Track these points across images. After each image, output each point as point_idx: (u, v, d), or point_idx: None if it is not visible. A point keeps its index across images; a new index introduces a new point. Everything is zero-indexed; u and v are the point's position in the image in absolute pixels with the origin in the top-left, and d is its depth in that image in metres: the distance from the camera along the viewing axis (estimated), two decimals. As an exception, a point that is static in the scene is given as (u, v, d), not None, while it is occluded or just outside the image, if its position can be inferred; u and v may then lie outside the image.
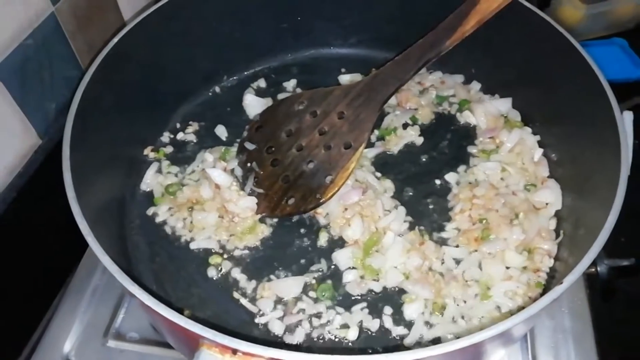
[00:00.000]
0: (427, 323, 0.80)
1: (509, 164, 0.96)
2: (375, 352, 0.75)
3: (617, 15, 1.41)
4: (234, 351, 0.51)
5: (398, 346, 0.78)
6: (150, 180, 0.97)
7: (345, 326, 0.80)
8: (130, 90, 0.92)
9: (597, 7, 1.37)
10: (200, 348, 0.52)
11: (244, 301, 0.82)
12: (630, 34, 1.39)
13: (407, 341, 0.79)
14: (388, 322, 0.80)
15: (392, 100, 1.07)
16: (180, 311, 0.55)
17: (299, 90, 1.11)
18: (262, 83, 1.12)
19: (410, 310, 0.80)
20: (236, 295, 0.83)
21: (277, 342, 0.77)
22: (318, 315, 0.81)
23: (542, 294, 0.80)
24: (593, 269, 0.90)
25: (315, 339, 0.79)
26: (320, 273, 0.85)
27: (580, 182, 0.88)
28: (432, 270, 0.84)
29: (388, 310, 0.81)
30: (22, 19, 0.85)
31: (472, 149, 1.00)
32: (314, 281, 0.84)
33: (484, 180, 0.94)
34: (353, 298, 0.83)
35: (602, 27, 1.42)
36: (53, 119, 0.96)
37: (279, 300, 0.82)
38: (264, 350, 0.51)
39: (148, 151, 1.01)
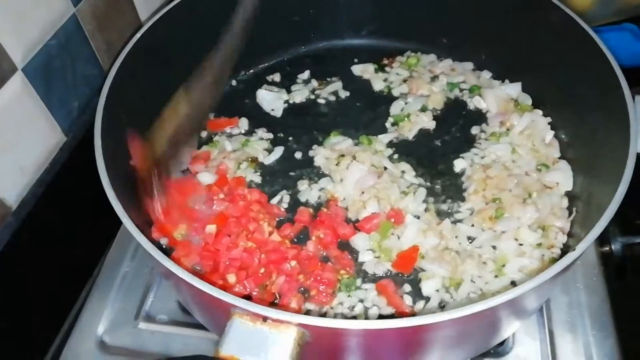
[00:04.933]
0: (442, 299, 0.82)
1: (519, 145, 0.98)
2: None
3: (627, 0, 1.41)
4: (265, 318, 0.54)
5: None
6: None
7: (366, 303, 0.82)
8: (151, 84, 0.94)
9: (606, -8, 1.37)
10: (232, 317, 0.55)
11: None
12: (642, 19, 1.39)
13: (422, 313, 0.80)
14: (407, 299, 0.82)
15: (404, 88, 1.10)
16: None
17: (313, 81, 1.14)
18: (277, 75, 1.15)
19: (427, 287, 0.83)
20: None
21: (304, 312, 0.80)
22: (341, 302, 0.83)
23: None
24: (607, 248, 0.92)
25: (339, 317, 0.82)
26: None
27: (590, 162, 0.90)
28: (448, 249, 0.86)
29: (407, 287, 0.84)
30: (46, 20, 0.88)
31: (482, 133, 1.03)
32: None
33: (496, 162, 0.96)
34: (371, 277, 0.86)
35: (612, 12, 1.41)
36: (76, 116, 0.99)
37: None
38: (293, 317, 0.53)
39: None
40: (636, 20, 1.38)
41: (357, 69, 1.15)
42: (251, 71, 1.16)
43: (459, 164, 0.98)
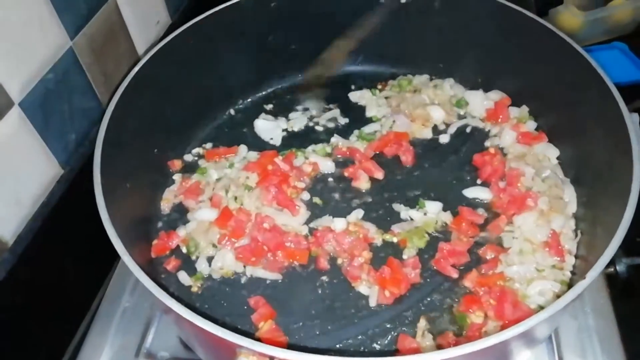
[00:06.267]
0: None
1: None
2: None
3: (615, 20, 1.44)
4: (271, 358, 0.53)
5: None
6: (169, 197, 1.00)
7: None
8: (149, 117, 0.95)
9: (595, 13, 1.40)
10: (238, 357, 0.53)
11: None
12: (630, 38, 1.42)
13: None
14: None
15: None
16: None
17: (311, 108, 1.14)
18: (274, 104, 1.15)
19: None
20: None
21: (310, 349, 0.78)
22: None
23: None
24: (612, 269, 0.91)
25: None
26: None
27: (593, 183, 0.90)
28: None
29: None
30: (43, 54, 0.88)
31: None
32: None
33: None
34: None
35: (601, 32, 1.44)
36: (73, 149, 0.98)
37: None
38: (299, 356, 0.52)
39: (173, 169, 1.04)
40: (624, 38, 1.41)
41: (355, 96, 1.15)
42: (249, 100, 1.16)
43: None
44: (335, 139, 1.06)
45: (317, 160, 1.02)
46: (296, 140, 1.09)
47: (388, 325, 0.82)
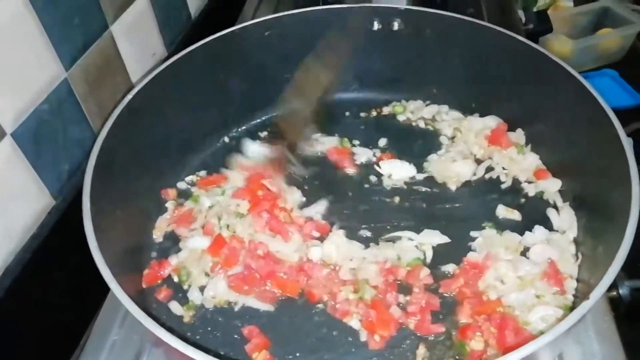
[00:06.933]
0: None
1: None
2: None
3: (604, 47, 1.47)
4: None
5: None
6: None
7: None
8: (143, 145, 0.94)
9: (584, 41, 1.43)
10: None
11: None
12: (619, 65, 1.45)
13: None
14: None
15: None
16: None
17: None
18: (268, 131, 1.15)
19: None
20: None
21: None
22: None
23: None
24: (615, 292, 0.89)
25: None
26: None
27: (592, 205, 0.89)
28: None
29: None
30: (37, 85, 0.89)
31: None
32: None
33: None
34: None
35: (590, 59, 1.47)
36: (66, 179, 0.97)
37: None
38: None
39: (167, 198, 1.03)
40: (614, 66, 1.43)
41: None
42: (243, 127, 1.16)
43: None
44: None
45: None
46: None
47: (386, 354, 0.80)
